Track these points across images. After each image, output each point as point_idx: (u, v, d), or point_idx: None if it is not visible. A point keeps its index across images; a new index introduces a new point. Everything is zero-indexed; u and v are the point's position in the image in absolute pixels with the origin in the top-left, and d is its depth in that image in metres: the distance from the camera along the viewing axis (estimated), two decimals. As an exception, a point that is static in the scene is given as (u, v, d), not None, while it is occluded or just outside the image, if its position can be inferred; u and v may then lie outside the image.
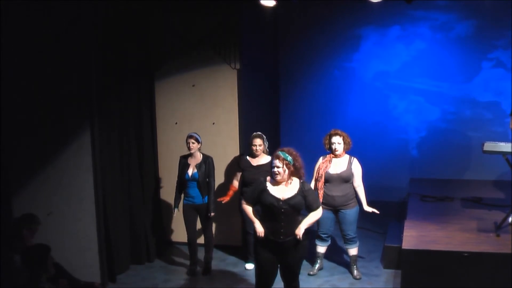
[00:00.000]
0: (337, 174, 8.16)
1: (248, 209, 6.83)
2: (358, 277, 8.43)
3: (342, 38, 12.09)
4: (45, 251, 6.35)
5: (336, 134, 8.17)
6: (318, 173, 8.23)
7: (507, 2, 10.74)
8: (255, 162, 8.68)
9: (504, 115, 11.19)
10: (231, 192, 8.86)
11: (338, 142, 8.14)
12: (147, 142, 9.39)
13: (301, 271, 7.02)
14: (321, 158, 8.31)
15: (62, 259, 7.55)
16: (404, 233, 8.29)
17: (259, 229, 6.62)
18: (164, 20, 9.55)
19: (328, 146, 8.25)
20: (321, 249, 8.55)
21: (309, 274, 8.53)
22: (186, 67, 9.63)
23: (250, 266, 8.88)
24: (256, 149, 8.60)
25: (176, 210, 8.70)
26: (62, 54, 7.67)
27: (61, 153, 7.84)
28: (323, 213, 7.56)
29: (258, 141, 8.62)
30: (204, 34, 9.46)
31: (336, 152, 8.16)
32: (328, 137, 8.25)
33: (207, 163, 8.56)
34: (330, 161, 8.21)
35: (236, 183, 8.84)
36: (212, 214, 8.57)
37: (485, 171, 11.38)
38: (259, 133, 8.74)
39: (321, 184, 8.18)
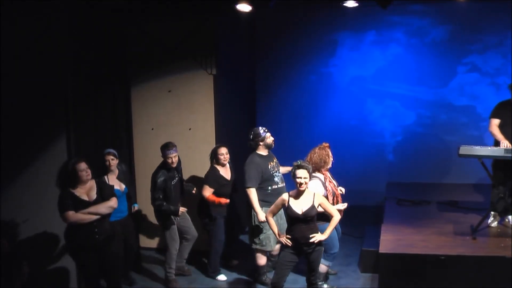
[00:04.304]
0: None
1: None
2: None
3: (318, 43, 12.12)
4: (21, 259, 6.32)
5: (328, 147, 7.96)
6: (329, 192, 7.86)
7: (481, 7, 10.84)
8: (227, 174, 8.71)
9: (480, 119, 11.29)
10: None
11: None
12: (123, 148, 9.34)
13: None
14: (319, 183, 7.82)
15: (38, 266, 7.51)
16: (381, 237, 8.32)
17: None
18: (140, 26, 9.52)
19: (325, 162, 7.84)
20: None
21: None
22: (162, 73, 9.61)
23: (222, 277, 8.87)
24: (224, 158, 8.60)
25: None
26: (37, 61, 7.61)
27: (37, 160, 7.78)
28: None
29: (225, 150, 8.62)
30: (180, 40, 9.45)
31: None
32: (328, 150, 7.89)
33: (125, 171, 8.54)
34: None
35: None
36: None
37: (461, 174, 11.46)
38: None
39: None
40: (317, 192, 7.40)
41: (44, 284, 7.55)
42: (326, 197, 7.67)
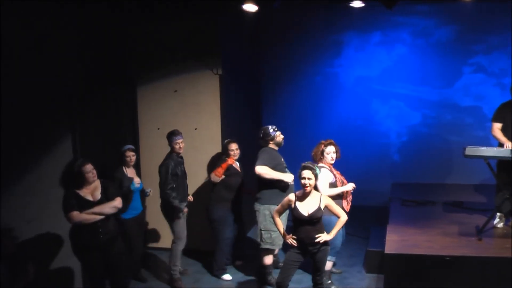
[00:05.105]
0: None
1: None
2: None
3: (324, 44, 12.13)
4: (26, 259, 6.34)
5: (330, 144, 8.04)
6: (338, 179, 8.00)
7: (487, 7, 10.83)
8: (237, 167, 8.75)
9: (485, 120, 11.27)
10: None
11: (333, 151, 8.06)
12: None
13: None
14: (327, 170, 7.94)
15: (43, 266, 7.52)
16: (386, 238, 8.31)
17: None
18: (145, 27, 9.54)
19: (321, 156, 8.00)
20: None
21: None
22: (168, 73, 9.64)
23: (227, 276, 8.90)
24: (234, 153, 8.70)
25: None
26: (42, 62, 7.61)
27: (42, 160, 7.78)
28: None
29: (235, 146, 8.74)
30: (185, 40, 9.47)
31: (332, 161, 8.05)
32: (321, 147, 8.01)
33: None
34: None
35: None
36: None
37: (466, 175, 11.46)
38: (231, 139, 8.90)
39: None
40: (324, 182, 7.64)
41: (49, 284, 7.55)
42: (335, 183, 7.78)
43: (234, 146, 8.73)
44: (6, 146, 7.35)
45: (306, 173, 6.79)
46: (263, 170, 8.01)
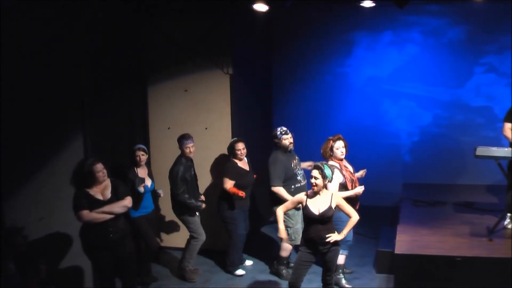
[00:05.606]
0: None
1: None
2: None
3: (334, 43, 12.10)
4: (37, 257, 6.36)
5: (339, 139, 8.06)
6: (348, 179, 8.01)
7: (498, 7, 10.78)
8: (246, 166, 8.77)
9: (496, 120, 11.21)
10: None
11: (342, 146, 8.06)
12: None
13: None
14: (337, 171, 7.93)
15: (53, 264, 7.53)
16: (397, 238, 8.30)
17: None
18: (156, 26, 9.56)
19: (330, 153, 8.02)
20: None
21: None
22: (179, 73, 9.64)
23: (240, 272, 8.95)
24: (241, 153, 8.72)
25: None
26: (54, 61, 7.63)
27: (53, 159, 7.80)
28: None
29: (242, 145, 8.76)
30: (196, 40, 9.48)
31: (343, 156, 8.06)
32: (330, 143, 8.05)
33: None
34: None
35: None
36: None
37: (477, 176, 11.40)
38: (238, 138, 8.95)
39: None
40: (335, 183, 7.65)
41: (59, 283, 7.57)
42: (345, 183, 7.78)
43: (240, 146, 8.74)
44: (17, 145, 7.38)
45: (314, 173, 6.81)
46: (278, 191, 8.32)
